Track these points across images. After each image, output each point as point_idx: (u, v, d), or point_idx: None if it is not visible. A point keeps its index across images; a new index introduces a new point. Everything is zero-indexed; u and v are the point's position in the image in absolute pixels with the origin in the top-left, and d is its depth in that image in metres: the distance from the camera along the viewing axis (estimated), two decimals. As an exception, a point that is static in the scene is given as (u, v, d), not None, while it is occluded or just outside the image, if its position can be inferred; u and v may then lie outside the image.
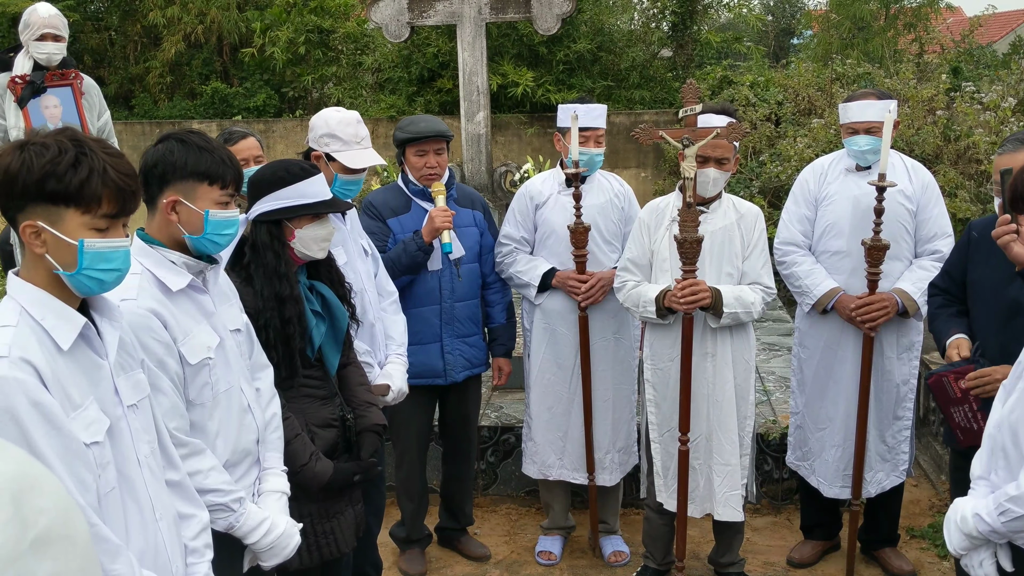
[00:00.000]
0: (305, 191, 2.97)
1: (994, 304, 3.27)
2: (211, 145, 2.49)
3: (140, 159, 2.48)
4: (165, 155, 2.44)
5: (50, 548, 0.71)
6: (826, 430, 4.20)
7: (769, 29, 21.38)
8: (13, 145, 1.91)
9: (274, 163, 3.09)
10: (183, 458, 2.32)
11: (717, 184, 3.84)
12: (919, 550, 4.52)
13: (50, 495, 0.74)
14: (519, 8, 7.13)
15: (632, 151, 10.66)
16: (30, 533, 0.69)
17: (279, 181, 2.95)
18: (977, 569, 2.58)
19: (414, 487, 4.37)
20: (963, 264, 3.46)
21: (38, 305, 1.92)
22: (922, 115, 8.28)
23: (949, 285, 3.53)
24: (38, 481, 0.74)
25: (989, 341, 3.26)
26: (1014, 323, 3.16)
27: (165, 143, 2.47)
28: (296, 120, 12.02)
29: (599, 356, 4.28)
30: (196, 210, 2.44)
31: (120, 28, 14.58)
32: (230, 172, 2.49)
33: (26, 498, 0.71)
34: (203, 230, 2.45)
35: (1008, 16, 23.66)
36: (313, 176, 3.00)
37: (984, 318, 3.33)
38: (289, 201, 2.95)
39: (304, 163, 3.08)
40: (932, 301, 3.62)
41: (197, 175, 2.44)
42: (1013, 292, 3.16)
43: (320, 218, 3.02)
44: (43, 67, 5.21)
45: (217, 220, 2.46)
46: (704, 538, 4.53)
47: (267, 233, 2.94)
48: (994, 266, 3.19)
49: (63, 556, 0.72)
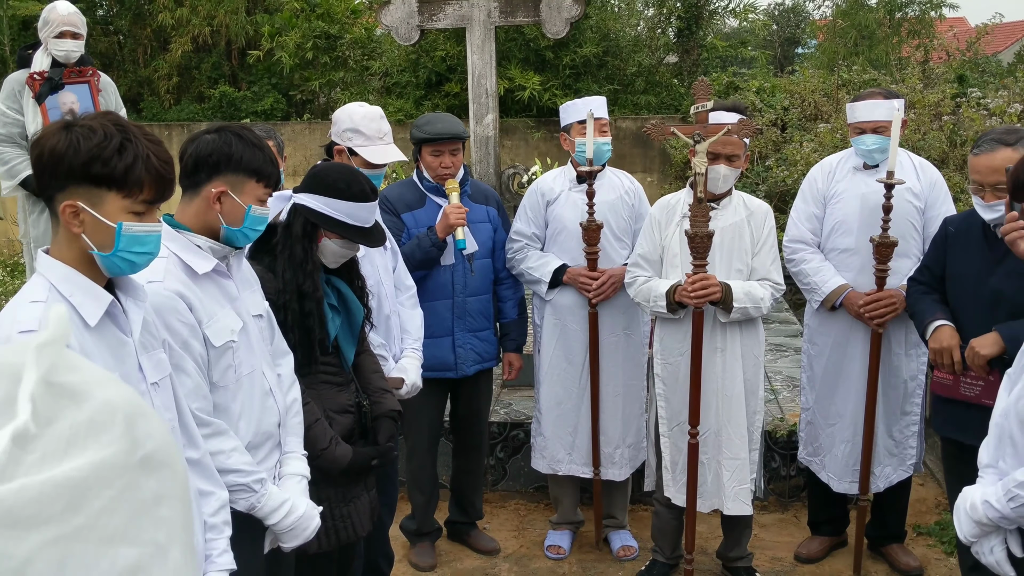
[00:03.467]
0: (354, 213, 3.00)
1: (976, 296, 3.39)
2: (262, 143, 2.57)
3: (186, 143, 2.54)
4: (222, 146, 2.49)
5: (156, 470, 0.74)
6: (836, 426, 4.24)
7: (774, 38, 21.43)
8: (58, 125, 1.96)
9: (347, 170, 3.12)
10: (206, 438, 2.37)
11: (728, 181, 3.89)
12: (926, 547, 4.55)
13: (157, 426, 0.77)
14: (528, 11, 7.19)
15: (639, 156, 10.71)
16: (139, 451, 0.72)
17: (338, 191, 2.98)
18: (988, 556, 2.62)
19: (425, 480, 4.41)
20: (942, 259, 3.59)
21: (66, 282, 1.98)
22: (928, 120, 8.33)
23: (929, 279, 3.65)
24: (147, 410, 0.77)
25: (974, 332, 3.34)
26: (997, 313, 3.28)
27: (221, 134, 2.52)
28: (304, 124, 12.09)
29: (609, 352, 4.32)
30: (240, 204, 2.50)
31: (129, 32, 14.66)
32: (275, 173, 2.59)
33: (138, 422, 0.74)
34: (242, 223, 2.52)
35: (1013, 27, 23.72)
36: (368, 202, 3.03)
37: (968, 309, 3.44)
38: (336, 214, 2.98)
39: (368, 185, 3.07)
40: (912, 291, 3.72)
41: (249, 171, 2.51)
42: (994, 283, 3.28)
43: (351, 241, 3.07)
44: (61, 64, 5.27)
45: (256, 216, 2.54)
46: (712, 533, 4.57)
47: (302, 226, 2.98)
48: (973, 259, 3.30)
49: (167, 481, 0.75)
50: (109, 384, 0.75)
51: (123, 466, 0.71)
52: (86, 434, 0.70)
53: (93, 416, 0.71)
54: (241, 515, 2.49)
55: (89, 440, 0.70)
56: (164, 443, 0.76)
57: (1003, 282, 3.28)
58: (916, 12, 14.30)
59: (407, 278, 3.89)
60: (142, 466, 0.73)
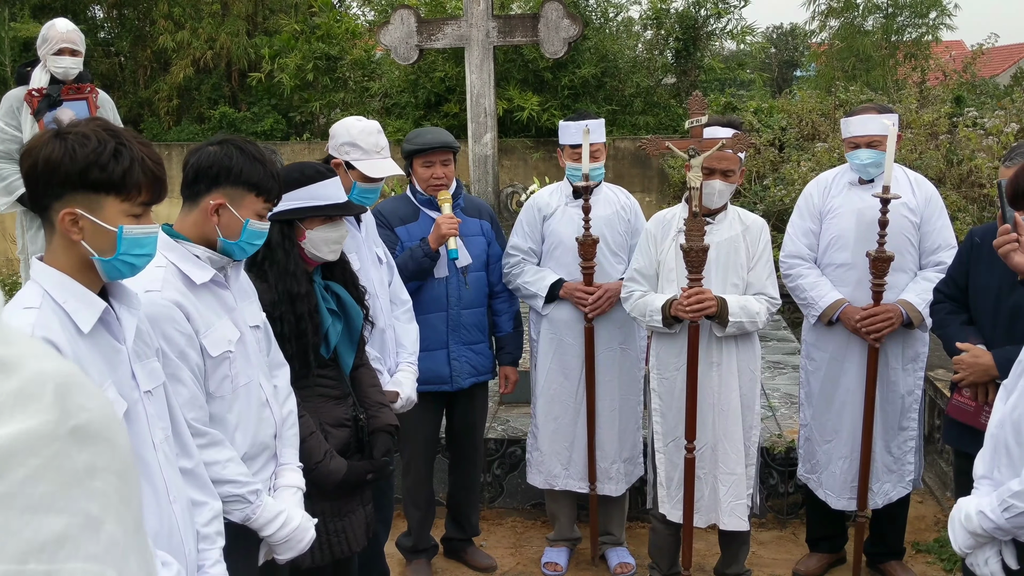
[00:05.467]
0: (318, 193, 3.03)
1: (997, 310, 3.34)
2: (264, 158, 2.57)
3: (189, 154, 2.56)
4: (223, 159, 2.50)
5: (89, 442, 0.73)
6: (833, 442, 4.23)
7: (772, 61, 21.56)
8: (50, 134, 1.97)
9: (291, 165, 3.16)
10: (201, 448, 2.36)
11: (723, 196, 3.90)
12: (925, 564, 4.54)
13: (95, 398, 0.76)
14: (527, 32, 7.23)
15: (637, 176, 10.75)
16: (70, 422, 0.71)
17: (294, 182, 3.00)
18: (983, 567, 2.61)
19: (421, 496, 4.40)
20: (966, 270, 3.52)
21: (60, 289, 1.98)
22: (924, 139, 8.37)
23: (954, 291, 3.59)
24: (85, 383, 0.76)
25: (992, 347, 3.31)
26: (1016, 329, 3.22)
27: (223, 147, 2.53)
28: (303, 143, 12.15)
29: (605, 366, 4.33)
30: (239, 217, 2.51)
31: (130, 53, 14.76)
32: (276, 187, 2.58)
33: (71, 393, 0.73)
34: (239, 236, 2.52)
35: (1010, 50, 23.88)
36: (328, 179, 3.06)
37: (987, 324, 3.39)
38: (301, 202, 3.00)
39: (320, 165, 3.14)
40: (939, 307, 3.66)
41: (249, 185, 2.51)
42: (1016, 298, 3.21)
43: (332, 220, 3.07)
44: (60, 81, 5.30)
45: (254, 230, 2.54)
46: (710, 550, 4.55)
47: (279, 232, 2.99)
48: (996, 273, 3.25)
49: (103, 455, 0.74)
50: (44, 357, 0.75)
51: (51, 436, 0.70)
52: (13, 403, 0.70)
53: (22, 386, 0.71)
54: (236, 526, 2.49)
55: (16, 410, 0.70)
56: (101, 416, 0.76)
57: (1023, 298, 3.25)
58: (912, 36, 14.41)
59: (403, 292, 3.90)
60: (73, 436, 0.72)
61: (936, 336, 3.75)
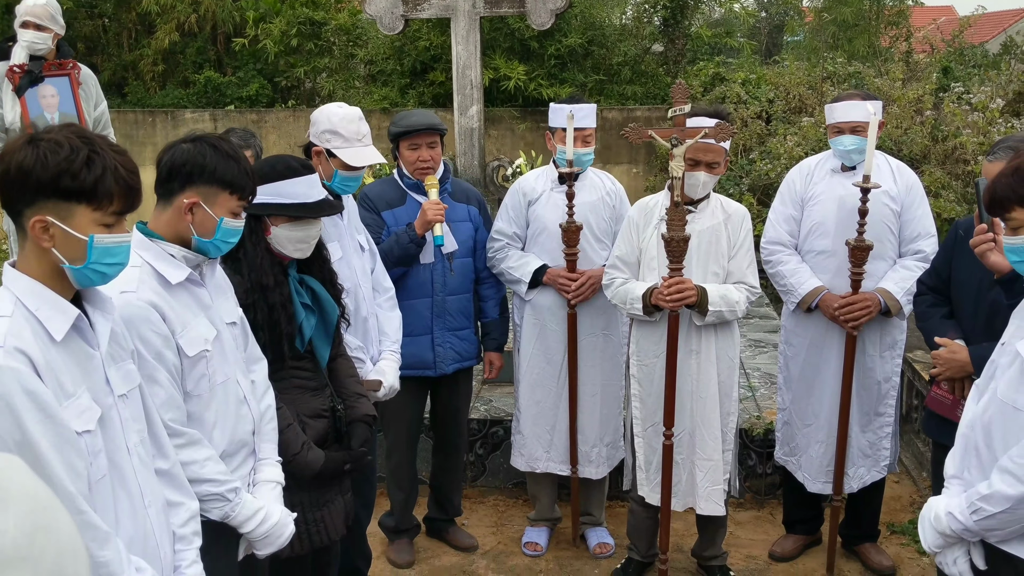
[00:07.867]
0: (283, 191, 2.97)
1: (977, 304, 3.35)
2: (238, 155, 2.54)
3: (163, 151, 2.53)
4: (196, 157, 2.48)
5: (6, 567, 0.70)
6: (812, 426, 4.28)
7: (761, 26, 21.42)
8: (22, 140, 1.95)
9: (269, 158, 3.13)
10: (179, 448, 2.38)
11: (706, 187, 3.91)
12: (899, 545, 4.61)
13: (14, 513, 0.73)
14: (513, 2, 7.17)
15: (624, 147, 10.70)
16: None
17: (263, 176, 2.93)
18: (951, 567, 2.65)
19: (404, 477, 4.43)
20: (950, 262, 3.53)
21: (33, 296, 1.97)
22: (910, 115, 8.36)
23: (937, 283, 3.61)
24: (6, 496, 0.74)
25: (971, 341, 3.34)
26: (994, 324, 3.23)
27: (197, 144, 2.50)
28: (288, 111, 12.04)
29: (588, 352, 4.35)
30: (213, 216, 2.49)
31: (114, 16, 14.54)
32: (250, 185, 2.56)
33: None
34: (214, 235, 2.51)
35: (1000, 16, 23.76)
36: (298, 177, 3.00)
37: (968, 318, 3.42)
38: (266, 198, 2.94)
39: (295, 162, 3.06)
40: (922, 299, 3.68)
41: (222, 183, 2.49)
42: (995, 294, 3.23)
43: (298, 220, 3.00)
44: (41, 57, 5.22)
45: (228, 228, 2.53)
46: (688, 531, 4.61)
47: (247, 226, 2.95)
48: (978, 267, 3.26)
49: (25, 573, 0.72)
50: None
51: None
52: None
53: None
54: (215, 522, 2.51)
55: None
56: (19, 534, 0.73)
57: (1001, 295, 3.23)
58: (894, 2, 14.31)
59: (385, 280, 3.89)
60: None
61: (917, 327, 3.77)
